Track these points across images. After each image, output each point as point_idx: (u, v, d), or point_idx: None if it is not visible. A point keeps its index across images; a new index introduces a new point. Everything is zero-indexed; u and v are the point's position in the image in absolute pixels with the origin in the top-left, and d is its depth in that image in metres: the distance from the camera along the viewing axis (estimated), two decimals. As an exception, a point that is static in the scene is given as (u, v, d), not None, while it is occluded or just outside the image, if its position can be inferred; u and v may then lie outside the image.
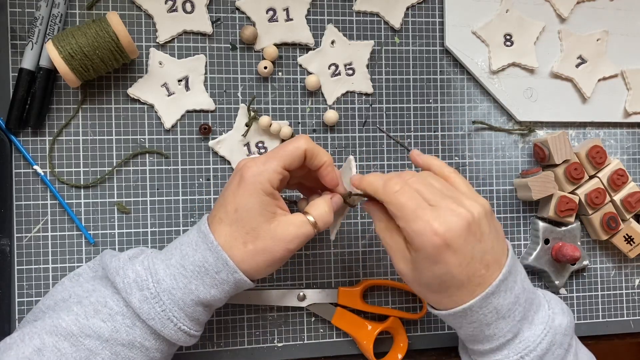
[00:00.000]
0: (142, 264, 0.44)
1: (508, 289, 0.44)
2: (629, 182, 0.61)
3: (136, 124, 0.54)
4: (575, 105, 0.62)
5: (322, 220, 0.47)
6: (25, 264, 0.53)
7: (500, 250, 0.44)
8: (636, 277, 0.64)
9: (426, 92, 0.60)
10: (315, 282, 0.58)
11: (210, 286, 0.44)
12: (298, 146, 0.46)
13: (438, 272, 0.42)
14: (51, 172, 0.53)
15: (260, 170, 0.44)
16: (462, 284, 0.43)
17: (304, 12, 0.57)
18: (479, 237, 0.42)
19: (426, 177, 0.45)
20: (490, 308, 0.43)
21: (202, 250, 0.44)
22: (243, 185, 0.44)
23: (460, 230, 0.41)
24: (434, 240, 0.41)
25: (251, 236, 0.44)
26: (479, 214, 0.43)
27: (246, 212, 0.44)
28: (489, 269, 0.43)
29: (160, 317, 0.43)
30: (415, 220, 0.42)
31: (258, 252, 0.44)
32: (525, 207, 0.62)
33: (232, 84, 0.56)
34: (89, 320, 0.43)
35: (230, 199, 0.45)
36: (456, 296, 0.43)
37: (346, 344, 0.58)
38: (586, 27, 0.62)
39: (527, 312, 0.45)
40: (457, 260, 0.42)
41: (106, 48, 0.49)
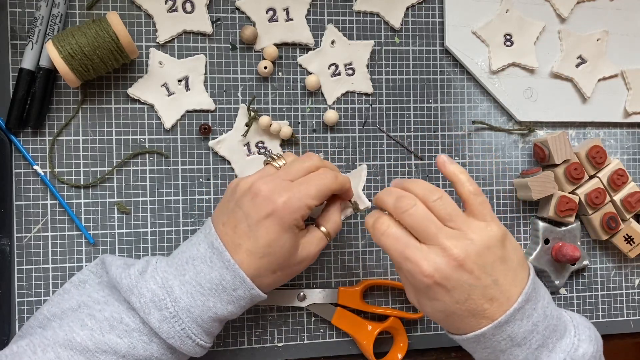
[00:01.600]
0: (156, 282, 0.44)
1: (525, 317, 0.43)
2: (629, 182, 0.61)
3: (136, 124, 0.54)
4: (575, 105, 0.62)
5: (335, 231, 0.50)
6: (25, 264, 0.53)
7: (512, 280, 0.43)
8: (636, 277, 0.64)
9: (426, 92, 0.60)
10: (315, 282, 0.58)
11: (227, 303, 0.45)
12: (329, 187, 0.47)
13: (437, 307, 0.43)
14: (51, 172, 0.53)
15: (298, 207, 0.44)
16: (463, 317, 0.42)
17: (304, 12, 0.57)
18: (477, 274, 0.41)
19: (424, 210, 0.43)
20: (504, 335, 0.42)
21: (218, 268, 0.44)
22: (278, 222, 0.44)
23: (450, 271, 0.41)
24: (425, 281, 0.41)
25: (281, 265, 0.46)
26: (477, 252, 0.41)
27: (280, 249, 0.45)
28: (494, 303, 0.42)
29: (180, 336, 0.43)
30: (404, 262, 0.42)
31: (285, 276, 0.47)
32: (525, 207, 0.62)
33: (232, 84, 0.56)
34: (105, 336, 0.43)
35: (262, 234, 0.44)
36: (463, 327, 0.43)
37: (346, 344, 0.58)
38: (586, 27, 0.62)
39: (547, 339, 0.44)
40: (453, 298, 0.41)
41: (106, 48, 0.49)
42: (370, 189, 0.59)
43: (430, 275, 0.41)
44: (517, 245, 0.45)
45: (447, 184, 0.60)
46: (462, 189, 0.44)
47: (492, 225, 0.43)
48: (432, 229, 0.42)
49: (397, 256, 0.42)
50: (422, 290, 0.43)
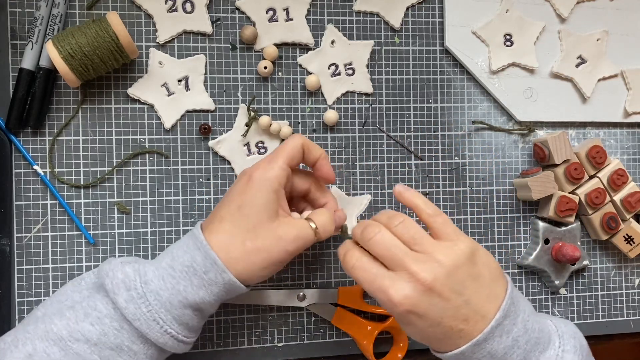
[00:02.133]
0: (133, 267, 0.44)
1: (504, 333, 0.42)
2: (629, 182, 0.61)
3: (136, 124, 0.54)
4: (575, 105, 0.62)
5: (324, 229, 0.47)
6: (25, 264, 0.53)
7: (485, 297, 0.42)
8: (636, 277, 0.64)
9: (426, 92, 0.60)
10: (315, 282, 0.58)
11: (198, 287, 0.43)
12: (295, 142, 0.47)
13: (413, 331, 0.43)
14: (51, 172, 0.53)
15: (267, 168, 0.46)
16: (440, 339, 0.43)
17: (304, 12, 0.57)
18: (447, 296, 0.41)
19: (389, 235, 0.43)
20: (484, 352, 0.42)
21: (191, 251, 0.44)
22: (251, 183, 0.45)
23: (418, 297, 0.41)
24: (396, 309, 0.41)
25: (252, 234, 0.44)
26: (448, 268, 0.41)
27: (250, 208, 0.44)
28: (469, 323, 0.42)
29: (146, 318, 0.42)
30: (375, 292, 0.42)
31: (256, 251, 0.44)
32: (525, 207, 0.62)
33: (232, 84, 0.56)
34: (79, 324, 0.42)
35: (235, 197, 0.45)
36: (442, 346, 0.44)
37: (346, 344, 0.58)
38: (586, 27, 0.62)
39: (529, 353, 0.43)
40: (425, 323, 0.42)
41: (106, 48, 0.49)
42: (370, 189, 0.59)
43: (400, 303, 0.41)
44: (489, 259, 0.44)
45: (446, 184, 0.60)
46: (421, 214, 0.45)
47: (458, 243, 0.43)
48: (398, 254, 0.42)
49: (368, 287, 0.43)
50: (396, 317, 0.43)
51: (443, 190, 0.60)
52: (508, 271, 0.61)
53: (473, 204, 0.60)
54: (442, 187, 0.60)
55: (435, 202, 0.60)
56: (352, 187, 0.58)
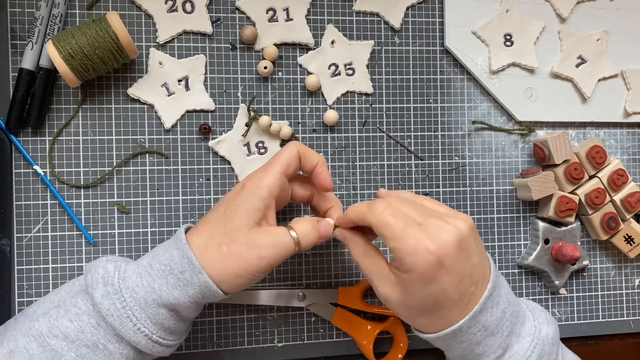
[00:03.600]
0: (115, 264, 0.44)
1: (494, 305, 0.43)
2: (629, 182, 0.61)
3: (136, 124, 0.54)
4: (575, 105, 0.62)
5: (305, 238, 0.46)
6: (25, 264, 0.53)
7: (485, 266, 0.44)
8: (636, 277, 0.64)
9: (426, 92, 0.60)
10: (315, 282, 0.58)
11: (173, 286, 0.43)
12: (290, 150, 0.47)
13: (432, 292, 0.41)
14: (51, 172, 0.53)
15: (260, 176, 0.45)
16: (454, 303, 0.42)
17: (304, 12, 0.57)
18: (468, 254, 0.42)
19: (408, 199, 0.45)
20: (479, 326, 0.43)
21: (170, 250, 0.44)
22: (242, 190, 0.45)
23: (452, 247, 0.41)
24: (428, 258, 0.40)
25: (228, 238, 0.43)
26: (466, 229, 0.42)
27: (233, 212, 0.44)
28: (477, 286, 0.43)
29: (119, 314, 0.42)
30: (406, 238, 0.41)
31: (230, 256, 0.43)
32: (525, 207, 0.62)
33: (232, 84, 0.56)
34: (58, 320, 0.42)
35: (223, 202, 0.46)
36: (447, 317, 0.43)
37: (346, 344, 0.58)
38: (586, 27, 0.62)
39: (514, 325, 0.45)
40: (450, 278, 0.41)
41: (106, 48, 0.49)
42: (370, 189, 0.59)
43: (434, 252, 0.40)
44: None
45: (446, 184, 0.60)
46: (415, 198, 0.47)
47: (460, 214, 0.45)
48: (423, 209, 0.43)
49: (399, 233, 0.41)
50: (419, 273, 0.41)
51: (443, 190, 0.60)
52: (508, 271, 0.61)
53: (473, 204, 0.60)
54: (442, 187, 0.60)
55: (435, 202, 0.60)
56: (352, 187, 0.58)
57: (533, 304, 0.50)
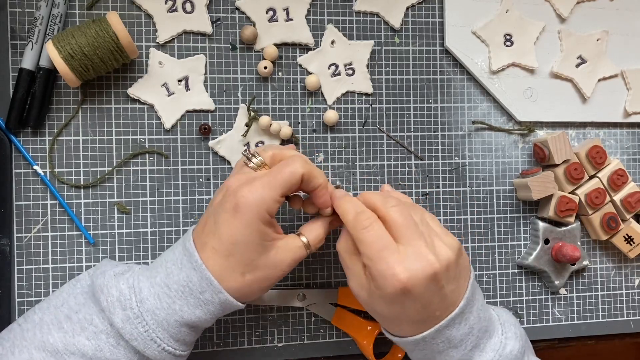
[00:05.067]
0: (127, 282, 0.43)
1: (463, 321, 0.43)
2: (629, 182, 0.61)
3: (136, 124, 0.54)
4: (575, 105, 0.62)
5: (316, 244, 0.47)
6: (25, 264, 0.53)
7: (460, 291, 0.44)
8: (636, 277, 0.64)
9: (426, 92, 0.60)
10: (315, 282, 0.58)
11: (194, 306, 0.43)
12: (295, 171, 0.43)
13: (394, 311, 0.42)
14: (51, 172, 0.53)
15: (258, 200, 0.42)
16: (414, 322, 0.43)
17: (304, 12, 0.57)
18: (442, 285, 0.42)
19: (406, 207, 0.44)
20: (442, 338, 0.43)
21: (186, 270, 0.43)
22: (240, 216, 0.42)
23: (423, 280, 0.40)
24: (396, 285, 0.40)
25: (250, 267, 0.43)
26: (448, 260, 0.42)
27: (245, 246, 0.42)
28: (445, 311, 0.43)
29: (143, 338, 0.42)
30: (379, 261, 0.41)
31: (256, 281, 0.44)
32: (525, 207, 0.62)
33: (232, 84, 0.56)
34: (75, 338, 0.42)
35: (225, 229, 0.42)
36: (406, 330, 0.44)
37: (346, 344, 0.58)
38: (586, 27, 0.62)
39: (480, 340, 0.45)
40: (415, 306, 0.41)
41: (106, 48, 0.49)
42: (370, 189, 0.59)
43: (403, 281, 0.40)
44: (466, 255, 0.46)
45: (446, 184, 0.60)
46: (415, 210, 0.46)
47: (449, 234, 0.44)
48: (413, 228, 0.42)
49: (374, 254, 0.41)
50: (385, 294, 0.41)
51: (443, 190, 0.60)
52: (508, 271, 0.61)
53: (473, 204, 0.60)
54: (442, 187, 0.60)
55: (435, 202, 0.60)
56: (352, 187, 0.58)
57: (506, 316, 0.49)
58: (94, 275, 0.45)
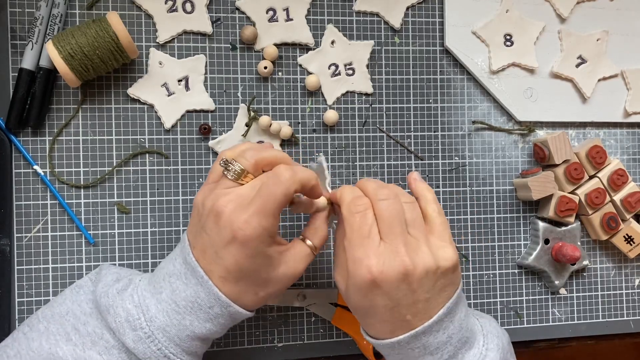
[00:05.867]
0: (132, 300, 0.43)
1: (442, 329, 0.43)
2: (629, 182, 0.61)
3: (136, 124, 0.54)
4: (575, 105, 0.62)
5: (321, 243, 0.47)
6: (25, 264, 0.53)
7: (439, 301, 0.43)
8: (636, 277, 0.64)
9: (426, 92, 0.60)
10: (315, 282, 0.58)
11: (205, 320, 0.43)
12: (288, 192, 0.42)
13: (364, 304, 0.42)
14: (51, 172, 0.53)
15: (259, 231, 0.40)
16: (384, 321, 0.43)
17: (304, 12, 0.57)
18: (414, 288, 0.41)
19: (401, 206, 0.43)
20: (418, 344, 0.43)
21: (192, 285, 0.43)
22: (242, 249, 0.41)
23: (393, 276, 0.40)
24: (364, 274, 0.40)
25: (262, 286, 0.44)
26: (426, 267, 0.41)
27: (253, 272, 0.42)
28: (416, 317, 0.42)
29: (157, 356, 0.42)
30: (358, 248, 0.41)
31: (270, 295, 0.45)
32: (525, 207, 0.62)
33: (232, 84, 0.56)
34: (86, 352, 0.42)
35: (229, 260, 0.41)
36: (380, 330, 0.44)
37: (346, 344, 0.58)
38: (586, 27, 0.62)
39: (458, 350, 0.44)
40: (383, 301, 0.41)
41: (106, 48, 0.49)
42: (370, 189, 0.59)
43: (373, 272, 0.40)
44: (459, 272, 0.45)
45: (446, 184, 0.60)
46: (427, 206, 0.45)
47: (448, 249, 0.43)
48: (397, 228, 0.42)
49: (355, 238, 0.41)
50: (355, 282, 0.41)
51: (443, 190, 0.60)
52: (508, 271, 0.61)
53: (473, 204, 0.60)
54: (442, 187, 0.60)
55: (435, 202, 0.60)
56: (352, 187, 0.58)
57: (490, 326, 0.48)
58: (98, 294, 0.44)
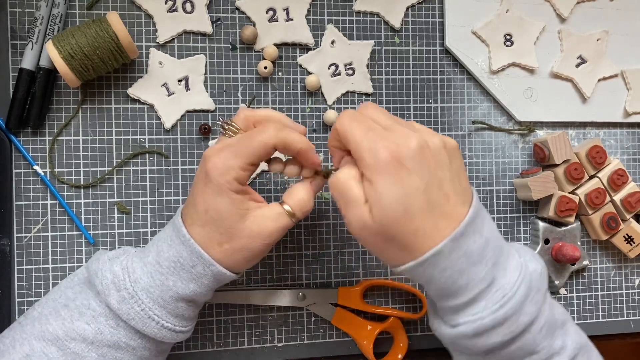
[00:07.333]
0: (120, 264, 0.44)
1: (477, 231, 0.41)
2: (629, 182, 0.61)
3: (136, 124, 0.54)
4: (575, 105, 0.62)
5: (301, 210, 0.45)
6: (25, 264, 0.53)
7: (462, 190, 0.41)
8: (636, 277, 0.64)
9: (426, 92, 0.60)
10: (315, 282, 0.58)
11: (188, 281, 0.43)
12: (265, 142, 0.43)
13: (398, 195, 0.39)
14: (51, 172, 0.53)
15: (227, 168, 0.42)
16: (425, 212, 0.39)
17: (304, 12, 0.57)
18: (435, 165, 0.40)
19: (385, 111, 0.43)
20: (460, 253, 0.40)
21: (176, 245, 0.43)
22: (210, 185, 0.42)
23: (412, 151, 0.39)
24: (385, 156, 0.38)
25: (226, 236, 0.43)
26: (436, 144, 0.41)
27: (217, 214, 0.42)
28: (449, 200, 0.40)
29: (141, 317, 0.42)
30: (365, 140, 0.40)
31: (235, 251, 0.43)
32: (525, 207, 0.62)
33: (232, 84, 0.56)
34: (74, 324, 0.42)
35: (199, 199, 0.43)
36: (422, 231, 0.39)
37: (346, 344, 0.58)
38: (586, 27, 0.62)
39: (499, 257, 0.42)
40: (414, 182, 0.39)
41: (106, 48, 0.49)
42: (370, 189, 0.59)
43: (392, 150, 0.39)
44: (464, 169, 0.44)
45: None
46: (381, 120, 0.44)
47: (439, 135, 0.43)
48: (391, 119, 0.42)
49: (360, 135, 0.40)
50: (380, 172, 0.39)
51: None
52: (508, 271, 0.61)
53: (473, 204, 0.60)
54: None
55: (435, 202, 0.60)
56: (352, 187, 0.58)
57: (518, 244, 0.47)
58: (89, 262, 0.46)
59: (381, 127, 0.41)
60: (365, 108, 0.43)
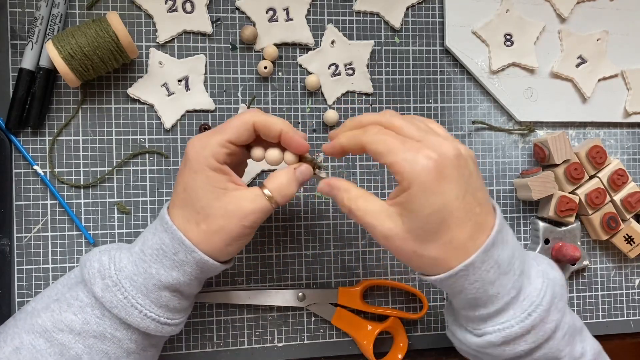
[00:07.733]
0: (109, 254, 0.44)
1: (505, 241, 0.41)
2: (629, 182, 0.61)
3: (136, 124, 0.54)
4: (575, 105, 0.62)
5: (280, 194, 0.44)
6: (25, 264, 0.53)
7: (487, 198, 0.42)
8: (636, 277, 0.64)
9: (426, 92, 0.60)
10: (315, 282, 0.58)
11: (170, 268, 0.43)
12: (245, 120, 0.43)
13: (436, 206, 0.38)
14: (51, 172, 0.53)
15: (203, 145, 0.43)
16: (461, 222, 0.39)
17: (304, 12, 0.57)
18: (469, 173, 0.40)
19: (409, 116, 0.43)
20: (491, 263, 0.40)
21: (159, 233, 0.43)
22: (188, 164, 0.43)
23: (452, 159, 0.39)
24: (429, 165, 0.38)
25: (202, 215, 0.42)
26: (468, 153, 0.41)
27: (193, 191, 0.42)
28: (483, 208, 0.40)
29: (123, 305, 0.42)
30: (403, 150, 0.39)
31: (213, 232, 0.42)
32: (525, 207, 0.62)
33: (232, 84, 0.56)
34: (62, 315, 0.43)
35: (179, 180, 0.44)
36: (456, 242, 0.40)
37: (346, 344, 0.58)
38: (586, 27, 0.62)
39: (524, 265, 0.43)
40: (453, 190, 0.39)
41: (106, 48, 0.49)
42: (370, 189, 0.59)
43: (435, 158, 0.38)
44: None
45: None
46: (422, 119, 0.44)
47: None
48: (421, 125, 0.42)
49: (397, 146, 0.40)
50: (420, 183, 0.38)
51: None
52: (508, 271, 0.61)
53: (473, 204, 0.60)
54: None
55: (435, 202, 0.60)
56: (352, 187, 0.58)
57: (533, 252, 0.48)
58: (83, 256, 0.46)
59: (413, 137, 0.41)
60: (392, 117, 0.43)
